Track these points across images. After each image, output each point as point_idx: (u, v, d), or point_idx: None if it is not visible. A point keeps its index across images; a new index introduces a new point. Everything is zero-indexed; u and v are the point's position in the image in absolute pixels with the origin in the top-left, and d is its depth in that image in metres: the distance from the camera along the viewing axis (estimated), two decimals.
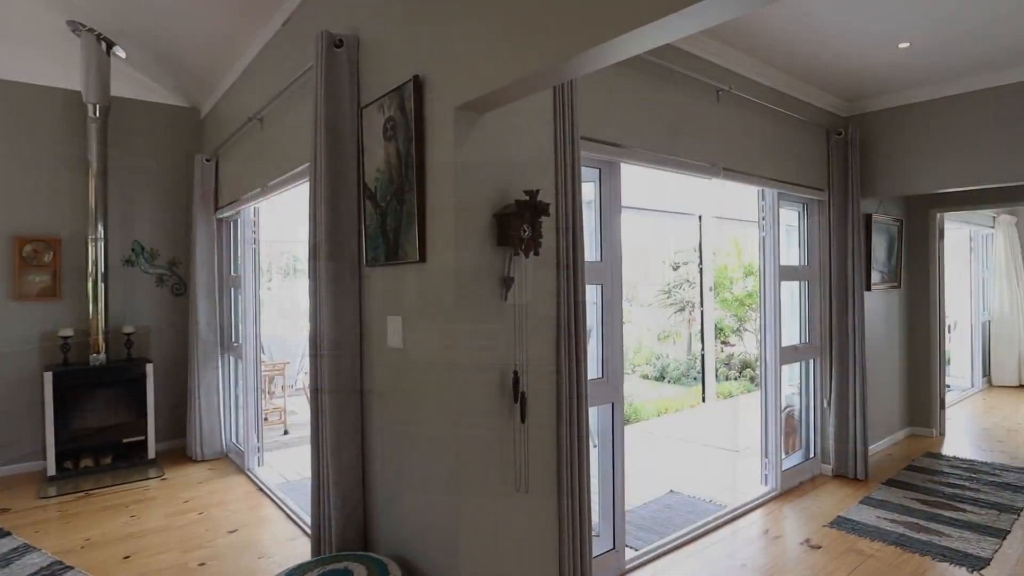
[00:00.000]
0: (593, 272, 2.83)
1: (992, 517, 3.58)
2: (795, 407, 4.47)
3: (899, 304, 5.26)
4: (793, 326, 4.43)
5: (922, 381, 5.36)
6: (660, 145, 3.08)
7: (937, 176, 4.08)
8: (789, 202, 4.21)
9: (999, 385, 7.49)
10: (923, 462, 4.63)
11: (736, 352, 10.09)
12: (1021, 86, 3.72)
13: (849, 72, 3.75)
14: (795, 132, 4.04)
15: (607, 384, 2.93)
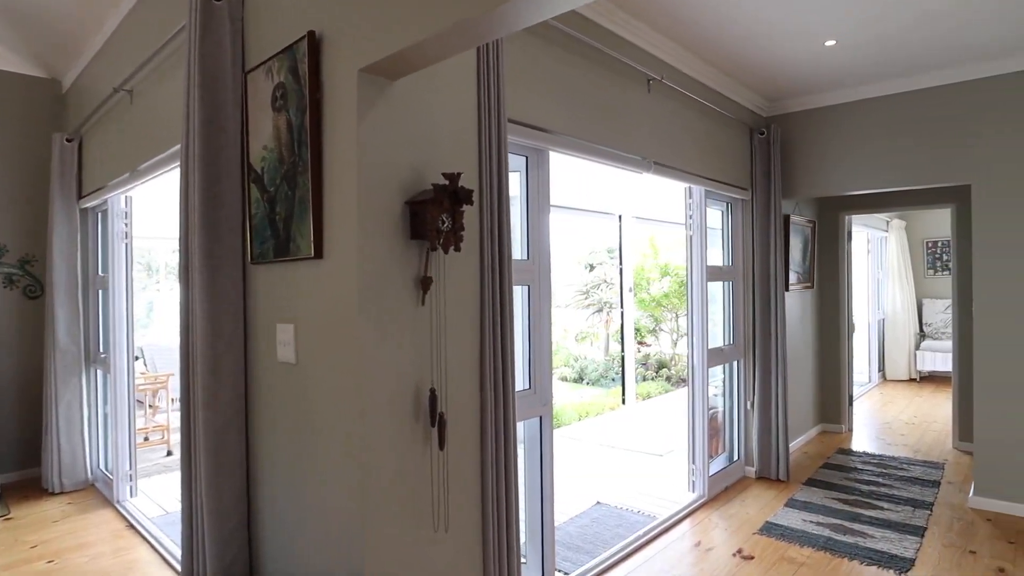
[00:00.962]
0: (520, 272, 2.54)
1: (908, 514, 3.62)
2: (718, 409, 4.40)
3: (812, 304, 5.36)
4: (718, 327, 4.35)
5: (832, 379, 5.49)
6: (591, 134, 2.84)
7: (849, 179, 4.12)
8: (714, 201, 4.12)
9: (892, 379, 7.93)
10: (837, 459, 4.70)
11: (652, 352, 10.20)
12: (925, 93, 3.79)
13: (775, 69, 3.68)
14: (721, 129, 3.95)
15: (535, 396, 2.65)
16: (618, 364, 9.72)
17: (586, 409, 7.45)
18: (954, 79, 3.68)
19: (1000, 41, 3.26)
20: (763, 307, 4.25)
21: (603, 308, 10.76)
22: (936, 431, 5.49)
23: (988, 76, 3.58)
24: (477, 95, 2.08)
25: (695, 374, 3.92)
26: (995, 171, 3.58)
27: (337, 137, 1.75)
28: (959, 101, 3.69)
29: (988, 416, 3.66)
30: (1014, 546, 3.20)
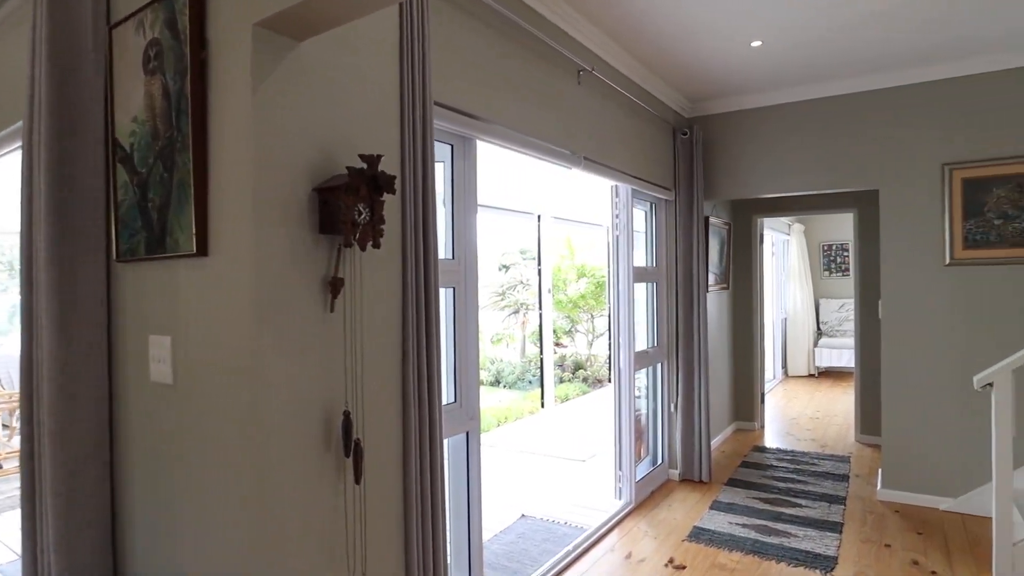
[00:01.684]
0: (445, 273, 2.29)
1: (824, 510, 3.68)
2: (642, 412, 4.33)
3: (727, 305, 5.45)
4: (642, 330, 4.28)
5: (746, 377, 5.61)
6: (521, 124, 2.63)
7: (767, 181, 4.18)
8: (639, 201, 4.04)
9: (794, 375, 8.33)
10: (754, 457, 4.77)
11: (569, 353, 10.20)
12: (840, 99, 3.90)
13: (701, 68, 3.64)
14: (647, 128, 3.87)
15: (461, 410, 2.40)
16: (535, 366, 9.63)
17: (504, 414, 7.27)
18: (868, 87, 3.79)
19: (913, 52, 3.37)
20: (686, 308, 4.22)
21: (520, 309, 10.65)
22: (838, 425, 5.75)
23: (898, 85, 3.71)
24: (400, 70, 1.80)
25: (621, 378, 3.81)
26: (902, 177, 3.72)
27: (227, 107, 1.43)
28: (871, 108, 3.81)
29: (894, 412, 3.80)
30: (923, 537, 3.31)
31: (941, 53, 3.40)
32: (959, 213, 3.54)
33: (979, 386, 2.89)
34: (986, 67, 3.47)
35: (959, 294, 3.58)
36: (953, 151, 3.57)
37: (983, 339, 3.52)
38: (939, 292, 3.63)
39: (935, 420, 3.68)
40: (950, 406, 3.63)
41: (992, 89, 3.47)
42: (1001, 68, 3.44)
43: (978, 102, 3.51)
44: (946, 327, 3.62)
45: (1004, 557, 2.84)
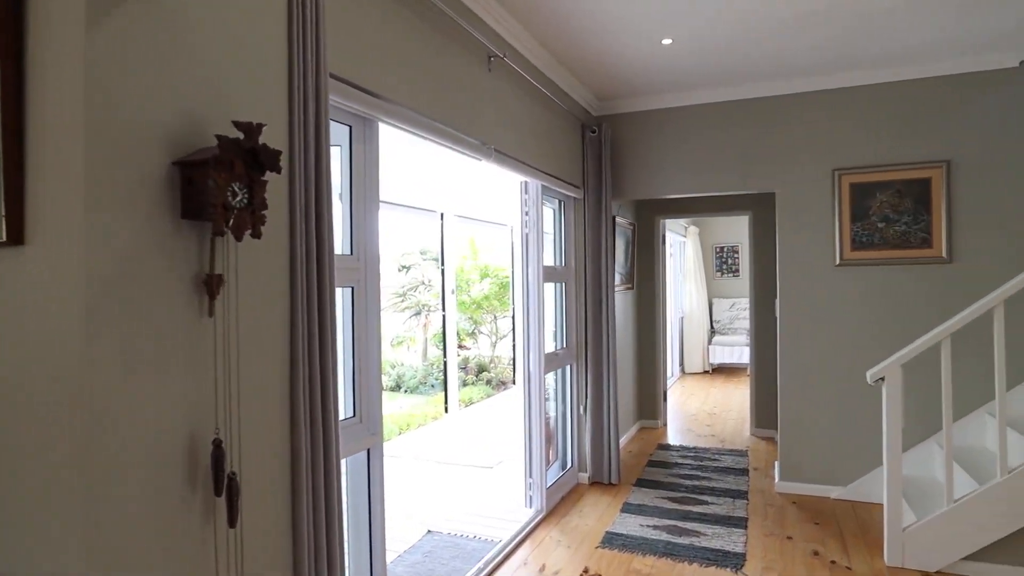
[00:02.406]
0: (343, 271, 2.02)
1: (729, 506, 3.74)
2: (551, 415, 4.22)
3: (632, 304, 5.49)
4: (551, 331, 4.17)
5: (649, 376, 5.69)
6: (429, 109, 2.40)
7: (671, 182, 4.20)
8: (548, 198, 3.92)
9: (690, 372, 8.64)
10: (659, 455, 4.82)
11: (472, 355, 10.02)
12: (741, 103, 3.98)
13: (611, 64, 3.57)
14: (558, 123, 3.76)
15: (361, 425, 2.13)
16: (438, 369, 9.36)
17: (407, 421, 6.96)
18: (769, 92, 3.90)
19: (810, 62, 3.48)
20: (595, 309, 4.16)
21: (422, 311, 10.33)
22: (734, 419, 5.97)
23: (796, 92, 3.84)
24: (288, 30, 1.53)
25: (530, 382, 3.67)
26: (797, 181, 3.86)
27: (50, 54, 1.10)
28: (771, 113, 3.92)
29: (790, 406, 3.93)
30: (819, 527, 3.42)
31: (834, 65, 3.55)
32: (847, 216, 3.72)
33: (872, 381, 3.00)
34: (870, 80, 3.66)
35: (848, 293, 3.76)
36: (842, 157, 3.74)
37: (870, 335, 3.71)
38: (831, 291, 3.79)
39: (826, 413, 3.84)
40: (839, 399, 3.80)
41: (875, 100, 3.67)
42: (882, 81, 3.64)
43: (864, 112, 3.70)
44: (837, 324, 3.79)
45: (895, 542, 2.97)
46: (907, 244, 3.60)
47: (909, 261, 3.60)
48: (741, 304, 8.74)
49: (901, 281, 3.64)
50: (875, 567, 2.96)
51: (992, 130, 3.45)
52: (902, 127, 3.62)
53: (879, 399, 3.71)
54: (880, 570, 2.93)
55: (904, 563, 2.93)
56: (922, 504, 3.16)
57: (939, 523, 2.87)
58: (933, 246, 3.55)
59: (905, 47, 3.31)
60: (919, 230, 3.58)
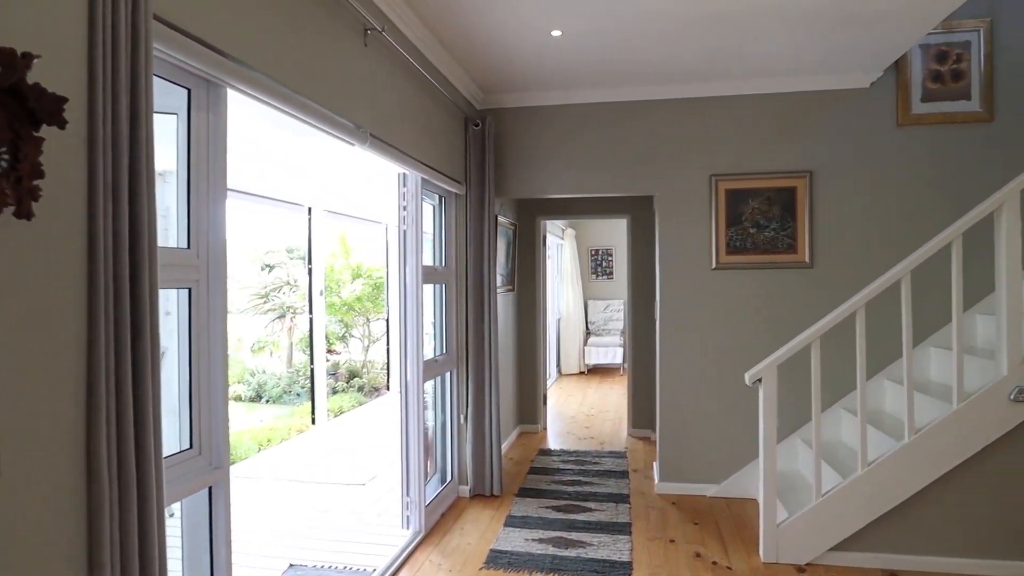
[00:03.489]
0: (176, 268, 1.62)
1: (613, 511, 3.69)
2: (429, 425, 3.95)
3: (512, 306, 5.35)
4: (430, 336, 3.89)
5: (530, 379, 5.58)
6: (294, 80, 2.04)
7: (555, 182, 4.09)
8: (428, 193, 3.64)
9: (567, 373, 8.73)
10: (540, 461, 4.70)
11: (343, 360, 9.42)
12: (625, 105, 3.96)
13: (498, 53, 3.36)
14: (439, 113, 3.49)
15: (200, 458, 1.73)
16: (305, 377, 8.69)
17: (267, 435, 6.33)
18: (653, 96, 3.90)
19: (692, 69, 3.51)
20: (477, 312, 3.95)
21: (286, 314, 9.55)
22: (612, 420, 6.04)
23: (678, 98, 3.87)
24: None
25: (408, 392, 3.37)
26: (677, 185, 3.90)
27: None
28: (655, 117, 3.93)
29: (669, 407, 3.97)
30: (699, 527, 3.46)
31: (713, 74, 3.62)
32: (723, 221, 3.82)
33: (751, 382, 3.05)
34: (745, 90, 3.78)
35: (724, 295, 3.86)
36: (719, 164, 3.83)
37: (743, 336, 3.84)
38: (707, 293, 3.88)
39: (702, 412, 3.92)
40: (714, 398, 3.90)
41: (749, 110, 3.80)
42: (755, 93, 3.78)
43: (739, 121, 3.82)
44: (713, 325, 3.88)
45: (770, 539, 3.03)
46: (775, 249, 3.76)
47: (777, 265, 3.77)
48: (615, 306, 8.99)
49: (771, 284, 3.80)
50: (752, 564, 3.01)
51: (846, 144, 3.70)
52: (772, 137, 3.77)
53: (750, 398, 3.84)
54: (757, 567, 2.98)
55: (778, 558, 3.01)
56: (790, 499, 3.28)
57: (809, 517, 2.98)
58: (798, 251, 3.74)
59: (775, 63, 3.44)
60: (786, 236, 3.75)
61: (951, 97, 3.56)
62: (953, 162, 3.59)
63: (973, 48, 3.52)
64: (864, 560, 2.94)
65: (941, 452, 2.83)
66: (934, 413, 2.93)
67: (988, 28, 3.51)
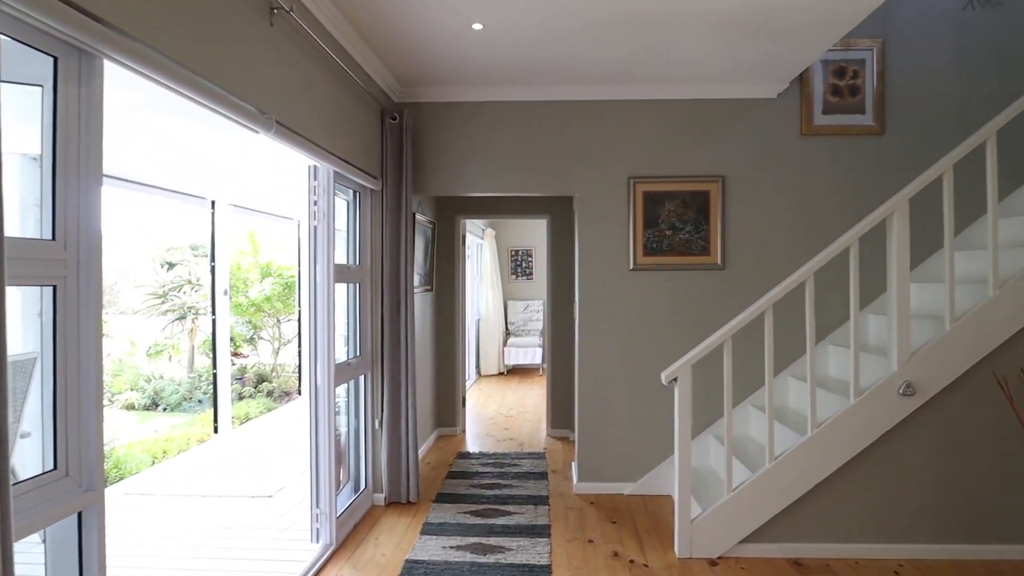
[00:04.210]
0: (34, 262, 1.40)
1: (532, 514, 3.65)
2: (342, 432, 3.76)
3: (431, 307, 5.22)
4: (343, 338, 3.71)
5: (448, 381, 5.47)
6: (188, 57, 1.84)
7: (476, 180, 4.02)
8: (341, 188, 3.46)
9: (486, 374, 8.67)
10: (459, 465, 4.60)
11: (250, 364, 8.90)
12: (544, 104, 3.94)
13: (417, 44, 3.24)
14: (354, 103, 3.32)
15: (67, 480, 1.51)
16: (207, 382, 8.14)
17: (163, 447, 5.86)
18: (574, 96, 3.89)
19: (612, 71, 3.52)
20: (393, 312, 3.80)
21: (187, 315, 8.92)
22: (531, 421, 6.03)
23: (599, 99, 3.89)
24: None
25: (319, 398, 3.18)
26: (596, 186, 3.92)
27: None
28: (576, 117, 3.93)
29: (587, 407, 3.99)
30: (617, 526, 3.48)
31: (633, 77, 3.66)
32: (641, 223, 3.87)
33: (667, 381, 3.10)
34: (663, 95, 3.86)
35: (641, 296, 3.92)
36: (637, 166, 3.89)
37: (659, 335, 3.91)
38: (625, 294, 3.92)
39: (620, 412, 3.96)
40: (631, 397, 3.95)
41: (666, 114, 3.88)
42: (673, 98, 3.86)
43: (657, 124, 3.89)
44: (631, 325, 3.93)
45: (684, 535, 3.09)
46: (690, 251, 3.86)
47: (692, 267, 3.87)
48: (535, 306, 9.02)
49: (685, 285, 3.89)
50: (668, 561, 3.05)
51: (756, 151, 3.85)
52: (688, 142, 3.87)
53: (665, 396, 3.92)
54: (672, 563, 3.02)
55: (692, 553, 3.07)
56: (703, 494, 3.36)
57: (721, 512, 3.06)
58: (711, 254, 3.85)
59: (693, 69, 3.53)
60: (700, 239, 3.86)
61: (848, 111, 3.79)
62: (850, 171, 3.82)
63: (867, 66, 3.77)
64: (771, 550, 3.06)
65: (840, 444, 2.99)
66: (833, 407, 3.09)
67: (880, 48, 3.77)
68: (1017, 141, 3.50)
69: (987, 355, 2.93)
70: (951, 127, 3.78)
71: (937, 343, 2.94)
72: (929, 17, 3.81)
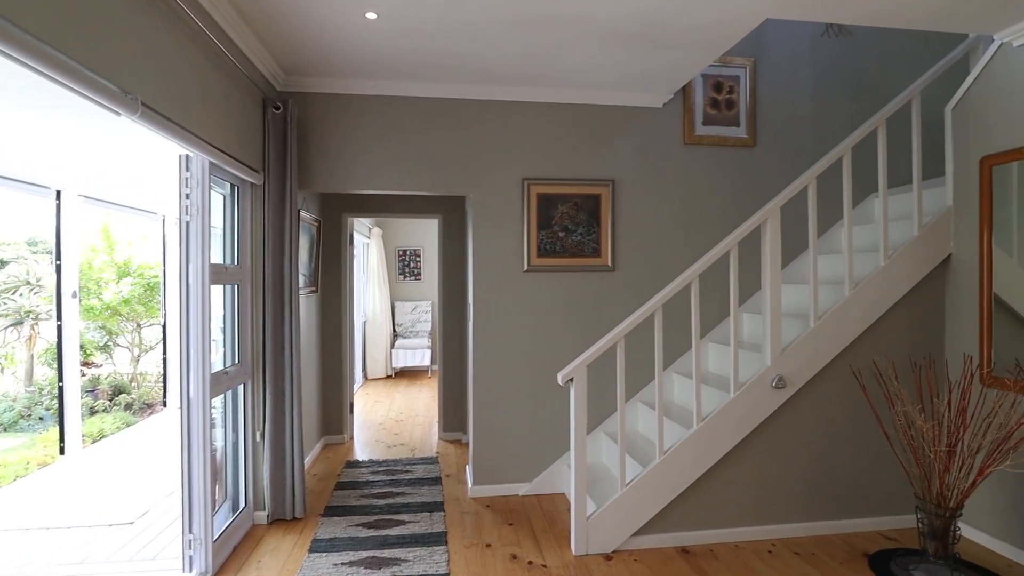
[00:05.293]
0: None
1: (427, 521, 3.55)
2: (217, 446, 3.44)
3: (316, 310, 4.94)
4: (219, 344, 3.39)
5: (335, 387, 5.21)
6: (34, 24, 1.56)
7: (368, 177, 3.84)
8: (217, 180, 3.16)
9: (373, 378, 8.39)
10: (348, 475, 4.39)
11: (105, 374, 7.96)
12: (441, 102, 3.85)
13: (306, 30, 3.02)
14: (232, 88, 3.05)
15: None
16: (51, 397, 7.20)
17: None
18: (470, 95, 3.82)
19: (508, 71, 3.50)
20: (276, 316, 3.54)
21: (24, 320, 7.80)
22: (422, 425, 5.90)
23: (495, 99, 3.85)
24: None
25: (192, 411, 2.88)
26: (491, 187, 3.90)
27: None
28: (471, 117, 3.87)
29: (482, 409, 3.95)
30: (513, 528, 3.47)
31: (528, 79, 3.67)
32: (535, 224, 3.90)
33: (563, 382, 3.13)
34: (557, 98, 3.91)
35: (535, 297, 3.94)
36: (531, 167, 3.91)
37: (553, 336, 3.96)
38: (519, 295, 3.93)
39: (515, 413, 3.97)
40: (526, 398, 3.97)
41: (561, 117, 3.94)
42: (567, 102, 3.93)
43: (551, 127, 3.94)
44: (525, 326, 3.95)
45: (581, 531, 3.14)
46: (582, 253, 3.95)
47: (584, 268, 3.95)
48: (423, 307, 8.86)
49: (578, 286, 3.97)
50: (565, 559, 3.09)
51: (643, 158, 4.02)
52: (580, 146, 3.95)
53: (558, 395, 3.99)
54: (569, 562, 3.06)
55: (588, 550, 3.13)
56: (595, 491, 3.44)
57: (614, 507, 3.14)
58: (602, 255, 3.96)
59: (586, 75, 3.60)
60: (591, 241, 3.95)
61: (725, 123, 4.06)
62: (727, 178, 4.10)
63: (742, 82, 4.07)
64: (662, 541, 3.19)
65: (722, 436, 3.18)
66: (715, 401, 3.29)
67: (752, 66, 4.08)
68: (868, 156, 3.93)
69: (844, 349, 3.26)
70: (811, 141, 4.17)
71: (804, 339, 3.22)
72: (793, 41, 4.18)
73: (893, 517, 3.38)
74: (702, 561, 3.05)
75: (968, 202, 3.26)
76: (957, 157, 3.34)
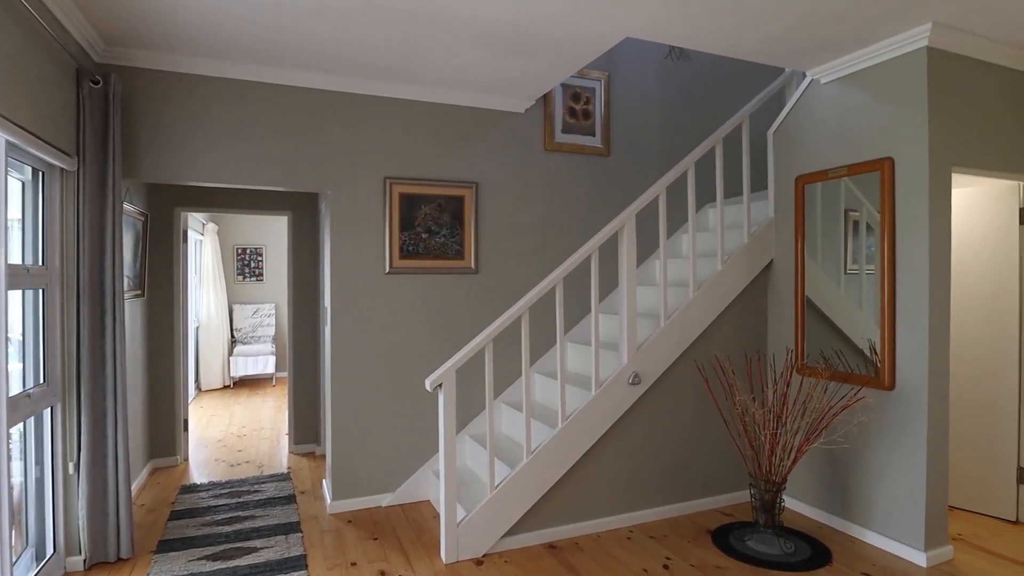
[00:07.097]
0: None
1: (283, 546, 3.28)
2: (15, 483, 2.88)
3: (141, 316, 4.34)
4: (15, 362, 2.83)
5: (166, 404, 4.63)
6: None
7: (210, 168, 3.43)
8: (17, 162, 2.63)
9: (208, 388, 7.60)
10: (184, 502, 3.91)
11: None
12: (296, 91, 3.57)
13: None
14: (39, 56, 2.55)
15: None
16: None
17: None
18: (328, 87, 3.56)
19: (376, 63, 3.32)
20: (94, 326, 3.04)
21: None
22: (269, 438, 5.45)
23: (355, 93, 3.64)
24: None
25: None
26: (350, 185, 3.69)
27: None
28: (329, 110, 3.61)
29: (341, 419, 3.74)
30: (379, 542, 3.33)
31: (393, 74, 3.52)
32: (397, 225, 3.77)
33: (432, 387, 3.06)
34: (422, 96, 3.80)
35: (398, 300, 3.81)
36: (394, 166, 3.77)
37: (417, 340, 3.86)
38: (381, 298, 3.78)
39: (377, 421, 3.81)
40: (389, 405, 3.83)
41: (425, 117, 3.84)
42: (432, 101, 3.84)
43: (415, 125, 3.82)
44: (387, 330, 3.80)
45: (451, 538, 3.10)
46: (445, 255, 3.89)
47: (448, 271, 3.90)
48: (265, 310, 8.21)
49: (441, 289, 3.91)
50: (435, 568, 3.02)
51: (505, 161, 4.06)
52: (444, 146, 3.89)
53: (422, 400, 3.90)
54: (440, 570, 3.00)
55: (459, 557, 3.09)
56: (463, 495, 3.42)
57: (484, 511, 3.13)
58: (465, 258, 3.94)
59: (452, 75, 3.54)
60: (455, 243, 3.91)
61: (582, 132, 4.25)
62: (584, 186, 4.29)
63: (597, 94, 4.28)
64: (530, 539, 3.25)
65: (584, 433, 3.31)
66: (576, 399, 3.42)
67: (607, 80, 4.31)
68: (705, 169, 4.33)
69: (689, 345, 3.56)
70: (656, 154, 4.51)
71: (656, 338, 3.46)
72: (643, 60, 4.49)
73: (731, 495, 3.78)
74: (568, 555, 3.15)
75: (786, 215, 3.74)
76: (777, 175, 3.81)
